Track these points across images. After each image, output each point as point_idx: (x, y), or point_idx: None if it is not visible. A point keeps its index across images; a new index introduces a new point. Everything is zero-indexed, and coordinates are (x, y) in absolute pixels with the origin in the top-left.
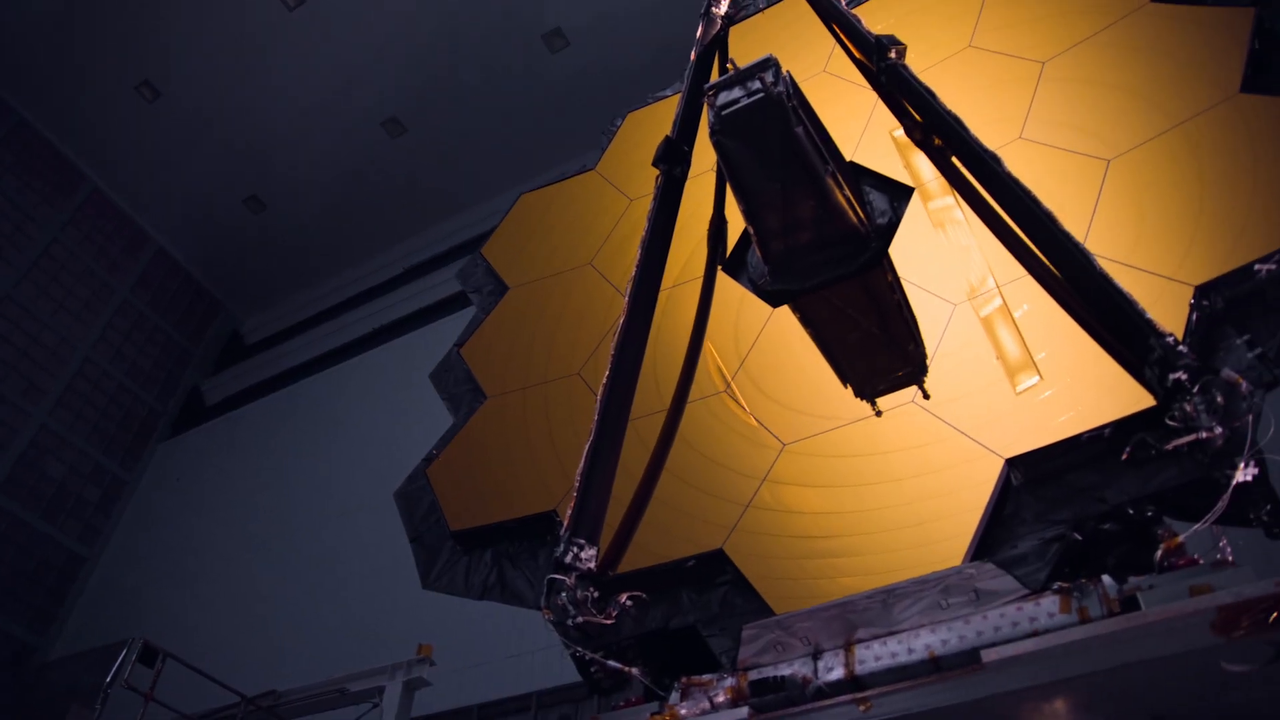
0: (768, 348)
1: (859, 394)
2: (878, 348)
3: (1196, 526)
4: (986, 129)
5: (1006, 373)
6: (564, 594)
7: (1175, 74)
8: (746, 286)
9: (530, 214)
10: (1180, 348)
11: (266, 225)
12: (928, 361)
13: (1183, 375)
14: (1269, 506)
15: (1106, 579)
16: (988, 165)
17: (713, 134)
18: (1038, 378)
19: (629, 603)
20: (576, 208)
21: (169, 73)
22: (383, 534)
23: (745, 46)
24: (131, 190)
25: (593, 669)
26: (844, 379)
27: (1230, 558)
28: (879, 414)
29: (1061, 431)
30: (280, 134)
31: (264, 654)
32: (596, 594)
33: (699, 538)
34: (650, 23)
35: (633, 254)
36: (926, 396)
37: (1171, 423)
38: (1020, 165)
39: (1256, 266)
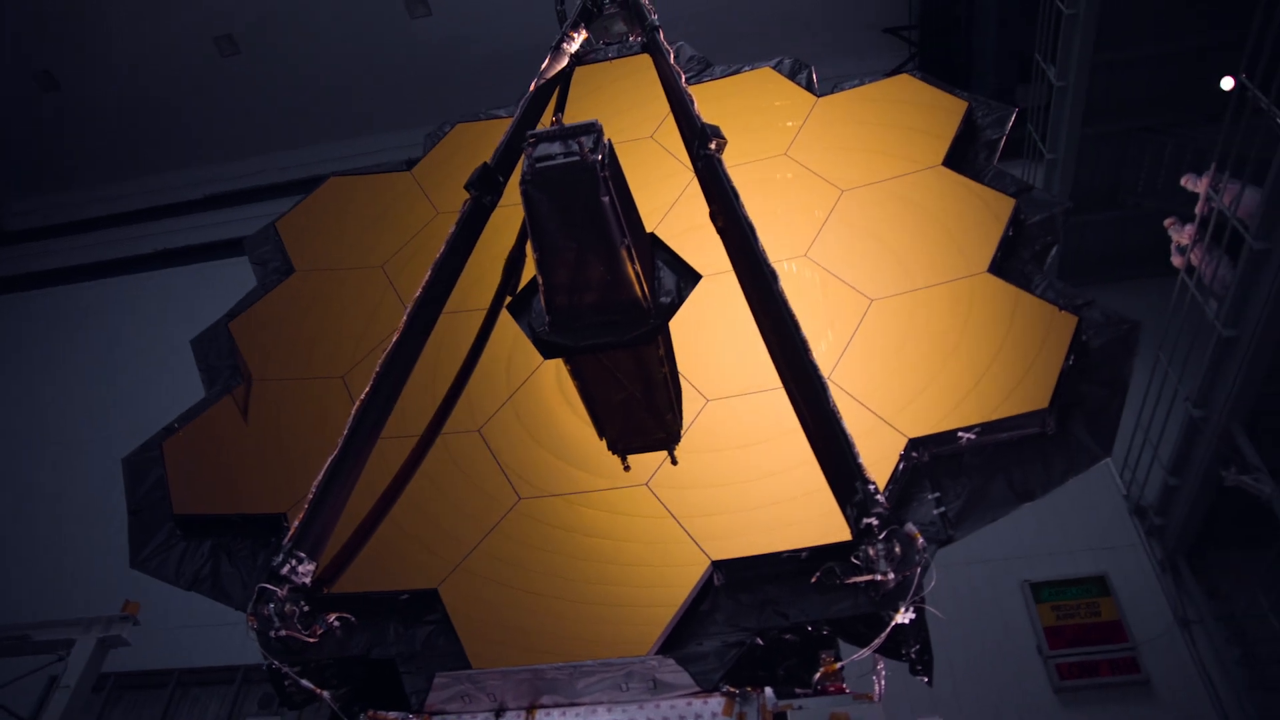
0: (533, 395)
1: (612, 449)
2: (638, 411)
3: (854, 656)
4: (778, 239)
5: None
6: (272, 604)
7: (945, 237)
8: (525, 331)
9: (335, 199)
10: (878, 496)
11: (57, 108)
12: (681, 432)
13: (874, 521)
14: (918, 646)
15: (768, 690)
16: (764, 280)
17: (523, 183)
18: None
19: (336, 624)
20: (383, 205)
21: None
22: (105, 477)
23: (585, 91)
24: None
25: (286, 683)
26: (601, 433)
27: (879, 687)
28: (627, 469)
29: (767, 546)
30: (96, 16)
31: None
32: (306, 609)
33: (418, 573)
34: (520, 18)
35: (426, 269)
36: (674, 462)
37: (855, 561)
38: (798, 283)
39: (960, 434)
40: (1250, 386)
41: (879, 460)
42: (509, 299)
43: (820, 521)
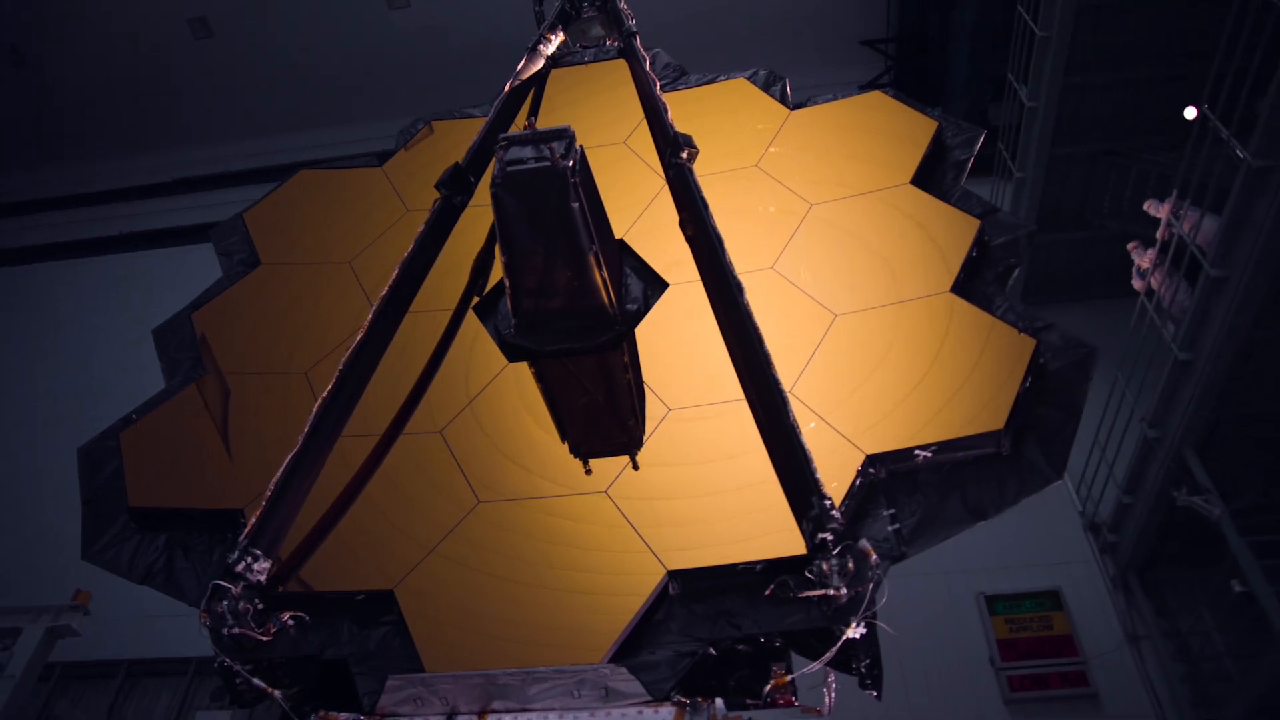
0: (495, 398)
1: (574, 452)
2: (601, 416)
3: (803, 670)
4: (746, 250)
5: None
6: (226, 602)
7: (910, 255)
8: (490, 333)
9: (304, 192)
10: (834, 512)
11: (23, 84)
12: (644, 438)
13: (829, 536)
14: (868, 661)
15: (719, 702)
16: (730, 292)
17: (493, 185)
18: None
19: (290, 622)
20: (352, 200)
21: None
22: (61, 464)
23: (562, 98)
24: None
25: (237, 681)
26: (563, 436)
27: (829, 700)
28: (589, 473)
29: (723, 557)
30: None
31: None
32: (260, 607)
33: (374, 573)
34: (499, 13)
35: (394, 266)
36: (636, 467)
37: (809, 575)
38: (763, 295)
39: (917, 452)
40: (1203, 410)
41: (836, 475)
42: (476, 300)
43: (776, 534)
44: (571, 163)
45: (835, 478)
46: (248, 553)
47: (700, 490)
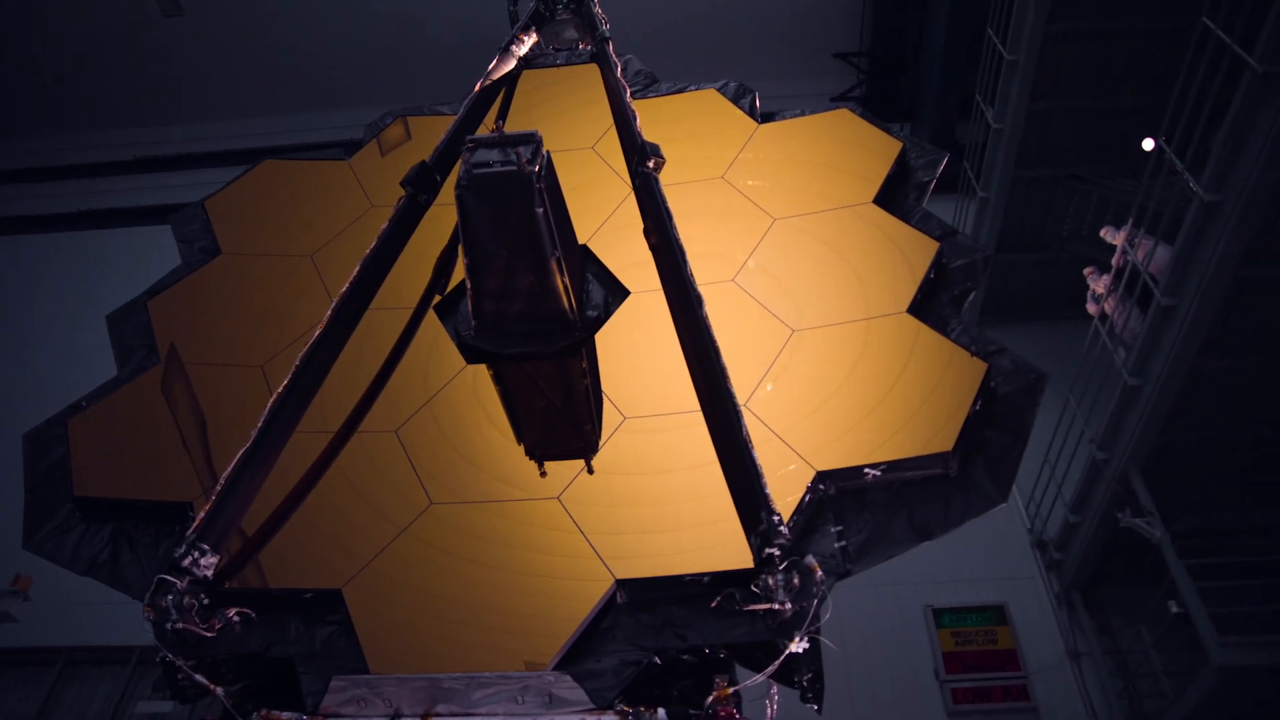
0: (452, 400)
1: (530, 454)
2: (558, 420)
3: (747, 682)
4: (707, 262)
5: None
6: (171, 596)
7: (869, 274)
8: (450, 334)
9: (268, 182)
10: (781, 528)
11: None
12: (599, 444)
13: (776, 552)
14: (810, 675)
15: (661, 711)
16: (690, 304)
17: (458, 187)
18: None
19: (236, 619)
20: (317, 193)
21: None
22: (5, 450)
23: (533, 100)
24: None
25: (179, 677)
26: (519, 438)
27: (771, 711)
28: (544, 474)
29: (672, 567)
30: None
31: None
32: (206, 602)
33: (324, 572)
34: (478, 7)
35: (356, 262)
36: (591, 471)
37: (755, 589)
38: (723, 308)
39: (866, 470)
40: (1149, 433)
41: (786, 491)
42: (436, 300)
43: (726, 547)
44: (538, 168)
45: (784, 493)
46: (195, 547)
47: (652, 499)
